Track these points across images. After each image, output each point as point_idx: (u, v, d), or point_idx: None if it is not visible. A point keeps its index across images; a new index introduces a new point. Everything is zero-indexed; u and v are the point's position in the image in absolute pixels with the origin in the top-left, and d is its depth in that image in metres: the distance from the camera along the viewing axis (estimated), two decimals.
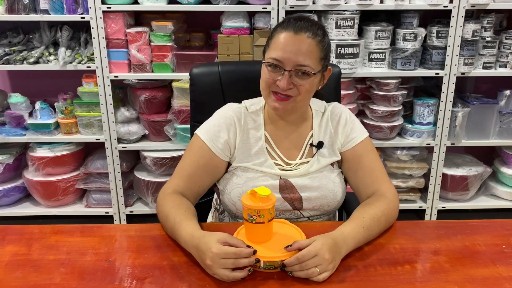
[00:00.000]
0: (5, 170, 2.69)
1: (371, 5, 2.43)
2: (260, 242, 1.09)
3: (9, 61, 2.50)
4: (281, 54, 1.21)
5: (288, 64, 1.21)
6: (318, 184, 1.32)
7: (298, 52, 1.21)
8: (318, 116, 1.39)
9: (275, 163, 1.34)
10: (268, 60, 1.24)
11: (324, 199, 1.33)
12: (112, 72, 2.50)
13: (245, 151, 1.34)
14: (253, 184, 1.30)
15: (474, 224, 1.28)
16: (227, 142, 1.33)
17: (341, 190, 1.35)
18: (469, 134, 2.75)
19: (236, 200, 1.31)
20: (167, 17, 2.56)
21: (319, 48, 1.24)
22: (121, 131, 2.61)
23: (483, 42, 2.57)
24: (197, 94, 1.56)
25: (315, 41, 1.23)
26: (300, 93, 1.24)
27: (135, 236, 1.22)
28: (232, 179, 1.33)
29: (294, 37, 1.22)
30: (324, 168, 1.35)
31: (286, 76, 1.21)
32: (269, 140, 1.36)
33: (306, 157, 1.36)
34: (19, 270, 1.07)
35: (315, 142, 1.36)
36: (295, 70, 1.22)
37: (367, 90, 2.71)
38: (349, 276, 1.05)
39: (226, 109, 1.38)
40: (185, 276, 1.05)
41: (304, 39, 1.22)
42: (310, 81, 1.24)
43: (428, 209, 2.86)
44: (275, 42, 1.24)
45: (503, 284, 1.03)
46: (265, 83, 1.26)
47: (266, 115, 1.38)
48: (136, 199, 2.89)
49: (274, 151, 1.36)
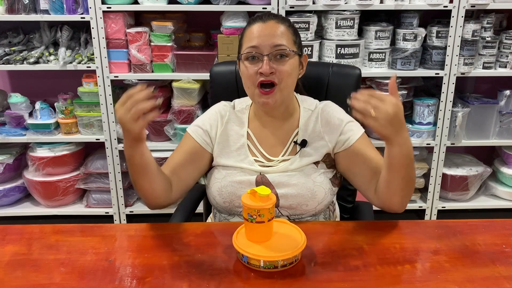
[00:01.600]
0: (5, 170, 2.69)
1: (371, 5, 2.43)
2: (260, 242, 1.09)
3: (9, 61, 2.50)
4: (255, 40, 1.25)
5: (264, 48, 1.24)
6: (296, 182, 1.31)
7: (271, 35, 1.25)
8: (307, 114, 1.39)
9: (256, 160, 1.35)
10: (245, 53, 1.27)
11: (301, 198, 1.31)
12: (112, 72, 2.50)
13: (225, 147, 1.38)
14: (231, 179, 1.33)
15: (474, 224, 1.28)
16: (208, 133, 1.38)
17: (323, 190, 1.32)
18: (469, 134, 2.75)
19: (216, 195, 1.34)
20: (167, 17, 2.56)
21: (289, 31, 1.29)
22: (121, 131, 2.61)
23: (483, 42, 2.57)
24: (216, 92, 1.60)
25: (284, 25, 1.29)
26: (283, 77, 1.26)
27: (135, 236, 1.22)
28: (213, 174, 1.37)
29: (264, 24, 1.27)
30: (305, 166, 1.34)
31: (265, 60, 1.24)
32: (251, 137, 1.38)
33: (289, 154, 1.36)
34: (19, 270, 1.07)
35: (299, 140, 1.36)
36: (272, 53, 1.24)
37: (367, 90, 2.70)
38: (349, 276, 1.05)
39: (213, 106, 1.45)
40: (185, 276, 1.05)
41: (273, 24, 1.27)
42: (290, 63, 1.27)
43: (428, 209, 2.86)
44: (247, 35, 1.29)
45: (503, 284, 1.03)
46: (247, 78, 1.28)
47: (252, 113, 1.41)
48: (136, 199, 2.89)
49: (256, 148, 1.37)
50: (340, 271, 1.06)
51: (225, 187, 1.33)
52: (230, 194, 1.32)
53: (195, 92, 2.50)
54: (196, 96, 2.53)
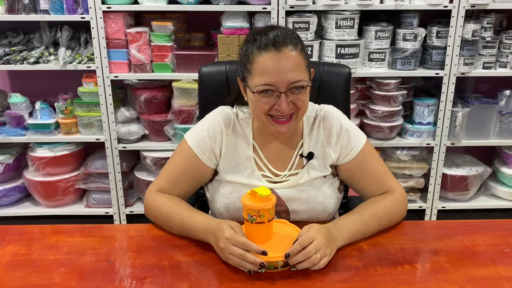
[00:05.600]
0: (5, 170, 2.69)
1: (371, 5, 2.43)
2: (260, 242, 1.09)
3: (9, 61, 2.50)
4: (271, 78, 1.14)
5: (281, 86, 1.15)
6: (307, 197, 1.28)
7: (288, 70, 1.14)
8: (309, 123, 1.34)
9: (263, 175, 1.30)
10: (259, 87, 1.16)
11: (312, 212, 1.29)
12: (112, 72, 2.50)
13: (231, 161, 1.31)
14: (238, 195, 1.26)
15: (474, 224, 1.28)
16: (213, 149, 1.30)
17: (333, 201, 1.31)
18: (469, 134, 2.74)
19: (222, 211, 1.31)
20: (167, 17, 2.56)
21: (302, 56, 1.18)
22: (121, 131, 2.61)
23: (483, 42, 2.57)
24: (205, 93, 1.56)
25: (297, 51, 1.17)
26: (300, 108, 1.20)
27: (135, 236, 1.22)
28: (219, 189, 1.32)
29: (278, 55, 1.14)
30: (314, 180, 1.30)
31: (283, 98, 1.15)
32: (257, 150, 1.32)
33: (296, 168, 1.31)
34: (19, 270, 1.07)
35: (305, 153, 1.31)
36: (289, 89, 1.16)
37: (367, 90, 2.71)
38: (349, 276, 1.05)
39: (216, 113, 1.34)
40: (185, 276, 1.05)
41: (288, 53, 1.15)
42: (306, 94, 1.20)
43: (428, 209, 2.86)
44: (258, 67, 1.16)
45: (503, 284, 1.03)
46: (260, 111, 1.19)
47: (254, 124, 1.33)
48: (136, 199, 2.89)
49: (263, 162, 1.32)
50: (340, 271, 1.07)
51: (232, 203, 1.29)
52: (239, 210, 1.27)
53: (195, 92, 2.50)
54: (196, 96, 2.53)
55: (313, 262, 1.04)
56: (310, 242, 1.05)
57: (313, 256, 1.04)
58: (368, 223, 1.19)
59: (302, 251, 1.04)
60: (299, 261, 1.04)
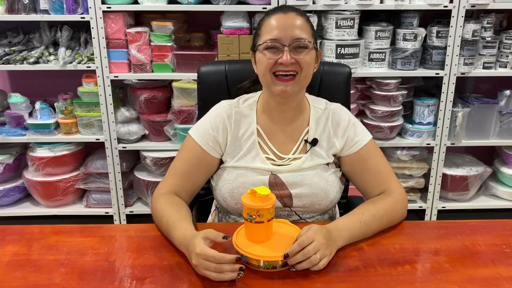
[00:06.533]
0: (5, 170, 2.69)
1: (371, 5, 2.43)
2: (260, 242, 1.10)
3: (9, 61, 2.50)
4: (277, 32, 1.23)
5: (286, 39, 1.22)
6: (309, 182, 1.31)
7: (293, 27, 1.23)
8: (317, 113, 1.37)
9: (267, 157, 1.34)
10: (265, 43, 1.24)
11: (314, 197, 1.31)
12: (112, 72, 2.50)
13: (237, 147, 1.35)
14: (242, 180, 1.30)
15: (474, 224, 1.28)
16: (217, 140, 1.34)
17: (335, 189, 1.34)
18: (469, 134, 2.74)
19: (227, 196, 1.32)
20: (167, 17, 2.56)
21: (309, 24, 1.28)
22: (121, 131, 2.61)
23: (483, 42, 2.57)
24: (204, 92, 1.56)
25: (304, 18, 1.28)
26: (302, 67, 1.24)
27: (135, 236, 1.22)
28: (223, 175, 1.34)
29: (285, 15, 1.26)
30: (317, 166, 1.34)
31: (286, 51, 1.22)
32: (261, 133, 1.36)
33: (300, 152, 1.35)
34: (19, 270, 1.07)
35: (310, 139, 1.35)
36: (293, 45, 1.23)
37: (367, 90, 2.71)
38: (349, 276, 1.05)
39: (217, 107, 1.39)
40: (185, 276, 1.05)
41: (294, 16, 1.26)
42: (310, 55, 1.25)
43: (428, 209, 2.86)
44: (266, 26, 1.26)
45: (503, 284, 1.03)
46: (265, 67, 1.25)
47: (260, 107, 1.37)
48: (136, 199, 2.89)
49: (267, 144, 1.35)
50: (340, 271, 1.06)
51: (237, 188, 1.31)
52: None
53: (195, 92, 2.50)
54: (196, 96, 2.52)
55: (312, 262, 1.04)
56: (310, 242, 1.05)
57: (313, 256, 1.04)
58: (368, 224, 1.19)
59: (301, 252, 1.04)
60: (298, 262, 1.04)
